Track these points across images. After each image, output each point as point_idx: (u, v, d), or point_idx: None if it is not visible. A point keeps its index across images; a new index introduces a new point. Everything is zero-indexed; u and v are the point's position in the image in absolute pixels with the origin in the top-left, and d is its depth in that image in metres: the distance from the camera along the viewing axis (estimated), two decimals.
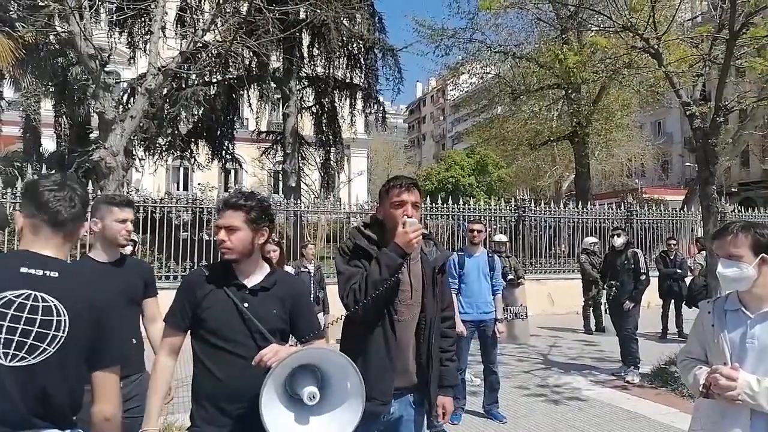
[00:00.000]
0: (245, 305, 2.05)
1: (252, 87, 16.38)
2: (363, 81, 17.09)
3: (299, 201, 12.04)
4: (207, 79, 15.05)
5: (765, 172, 31.76)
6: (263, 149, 18.93)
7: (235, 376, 1.99)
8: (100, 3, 9.61)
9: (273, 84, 16.48)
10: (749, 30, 6.34)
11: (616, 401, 5.76)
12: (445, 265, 2.50)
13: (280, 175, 18.63)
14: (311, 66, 16.71)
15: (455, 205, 11.91)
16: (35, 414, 1.51)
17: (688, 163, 30.39)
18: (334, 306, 6.47)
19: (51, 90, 17.29)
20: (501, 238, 8.56)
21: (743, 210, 14.91)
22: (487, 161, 37.57)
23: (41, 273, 1.57)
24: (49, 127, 19.05)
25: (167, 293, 2.59)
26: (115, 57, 10.59)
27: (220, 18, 9.12)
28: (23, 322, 1.51)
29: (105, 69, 8.01)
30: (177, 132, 15.33)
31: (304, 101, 17.42)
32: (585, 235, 11.79)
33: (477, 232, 5.26)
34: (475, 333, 5.19)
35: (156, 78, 7.98)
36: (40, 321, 1.53)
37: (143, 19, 13.71)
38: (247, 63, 15.15)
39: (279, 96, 16.74)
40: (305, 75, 16.87)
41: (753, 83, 11.67)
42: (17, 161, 17.64)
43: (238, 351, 2.01)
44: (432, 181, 38.45)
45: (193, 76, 13.02)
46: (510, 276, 7.65)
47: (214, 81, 15.59)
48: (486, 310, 5.16)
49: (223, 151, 17.32)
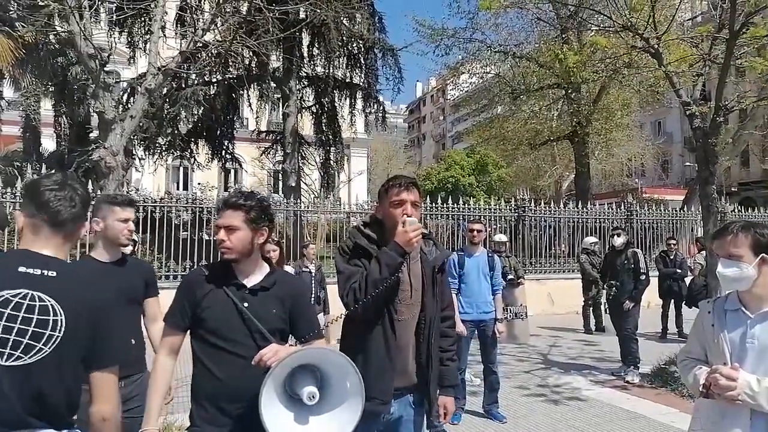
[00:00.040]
0: (245, 305, 2.05)
1: (252, 87, 16.35)
2: (363, 81, 17.06)
3: (299, 201, 12.07)
4: (207, 79, 15.02)
5: (765, 172, 31.76)
6: (263, 149, 18.91)
7: (235, 375, 1.99)
8: (100, 3, 9.59)
9: (273, 84, 16.46)
10: (749, 30, 6.34)
11: (615, 401, 5.76)
12: (445, 265, 2.50)
13: (279, 175, 18.60)
14: (311, 66, 16.69)
15: (455, 205, 11.91)
16: (31, 414, 1.51)
17: (688, 163, 30.41)
18: (334, 306, 6.46)
19: (51, 90, 17.30)
20: (501, 237, 8.58)
21: (743, 210, 14.91)
22: (487, 161, 37.56)
23: (39, 272, 1.57)
24: (49, 127, 19.08)
25: (167, 293, 2.59)
26: (115, 57, 10.57)
27: (220, 18, 9.11)
28: (19, 321, 1.51)
29: (105, 69, 7.99)
30: (177, 132, 15.32)
31: (304, 101, 17.39)
32: (585, 235, 11.79)
33: (477, 231, 5.26)
34: (475, 333, 5.19)
35: (156, 78, 7.97)
36: (36, 320, 1.52)
37: (143, 19, 13.68)
38: (247, 63, 15.13)
39: (279, 96, 16.71)
40: (305, 75, 16.85)
41: (753, 83, 11.68)
42: (17, 161, 17.62)
43: (237, 351, 2.01)
44: (432, 181, 38.45)
45: (193, 75, 13.00)
46: (510, 276, 7.65)
47: (213, 81, 15.57)
48: (486, 309, 5.16)
49: (223, 151, 17.30)
